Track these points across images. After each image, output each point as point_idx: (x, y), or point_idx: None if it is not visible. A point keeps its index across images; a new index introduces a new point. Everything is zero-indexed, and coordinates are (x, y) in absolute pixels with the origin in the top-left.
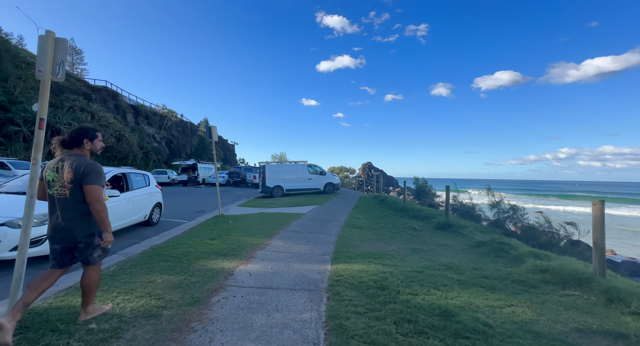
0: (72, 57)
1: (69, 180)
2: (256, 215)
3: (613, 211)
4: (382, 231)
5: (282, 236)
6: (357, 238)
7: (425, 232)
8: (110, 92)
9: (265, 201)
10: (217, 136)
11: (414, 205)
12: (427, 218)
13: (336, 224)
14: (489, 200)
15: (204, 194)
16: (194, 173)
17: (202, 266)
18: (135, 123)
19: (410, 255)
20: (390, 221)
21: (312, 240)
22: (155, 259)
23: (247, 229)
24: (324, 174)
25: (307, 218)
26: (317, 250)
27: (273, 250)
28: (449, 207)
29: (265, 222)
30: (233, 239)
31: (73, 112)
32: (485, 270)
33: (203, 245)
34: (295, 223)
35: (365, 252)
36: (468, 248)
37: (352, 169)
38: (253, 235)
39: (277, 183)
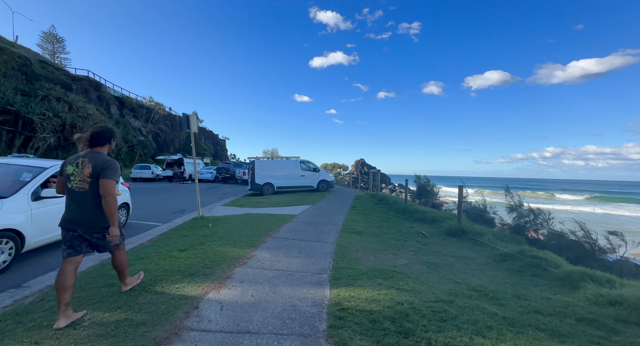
0: (53, 46)
1: (88, 174)
2: (242, 217)
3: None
4: (386, 238)
5: (269, 245)
6: (359, 248)
7: (436, 238)
8: (92, 82)
9: (254, 199)
10: (196, 126)
11: (417, 206)
12: (434, 221)
13: (333, 229)
14: (507, 201)
15: (189, 191)
16: (180, 168)
17: (158, 296)
18: (119, 115)
19: (426, 272)
20: (393, 225)
21: (305, 251)
22: (96, 283)
23: (228, 235)
24: (318, 171)
25: (300, 221)
26: (312, 266)
27: (257, 266)
28: (462, 210)
29: (251, 225)
30: (208, 250)
31: (48, 102)
32: (532, 299)
33: (168, 259)
34: (285, 228)
35: (371, 268)
36: (493, 262)
37: (345, 166)
38: (234, 244)
39: (268, 180)
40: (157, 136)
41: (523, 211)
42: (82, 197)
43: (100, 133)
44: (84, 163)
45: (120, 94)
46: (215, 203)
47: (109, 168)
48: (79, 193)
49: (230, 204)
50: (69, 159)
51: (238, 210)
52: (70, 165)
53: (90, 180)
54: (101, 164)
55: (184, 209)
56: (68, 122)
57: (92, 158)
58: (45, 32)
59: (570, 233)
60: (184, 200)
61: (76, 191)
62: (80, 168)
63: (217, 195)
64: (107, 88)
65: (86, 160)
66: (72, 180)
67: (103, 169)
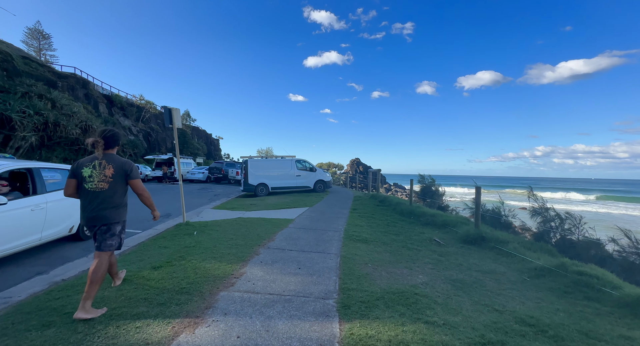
0: (39, 42)
1: (110, 175)
2: (232, 223)
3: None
4: (395, 246)
5: (262, 258)
6: (367, 261)
7: (453, 247)
8: (79, 80)
9: (247, 201)
10: (179, 121)
11: (423, 209)
12: (446, 226)
13: (334, 236)
14: (530, 203)
15: (178, 193)
16: (170, 168)
17: (107, 342)
18: (108, 114)
19: (455, 294)
20: (400, 230)
21: (305, 265)
22: (30, 320)
23: (214, 246)
24: (314, 170)
25: (297, 227)
26: (315, 287)
27: (246, 289)
28: (480, 214)
29: (241, 233)
30: (188, 267)
31: (29, 99)
32: (607, 340)
33: (136, 281)
34: (281, 235)
35: (387, 290)
36: (529, 278)
37: (340, 165)
38: (220, 258)
39: (261, 181)
40: (148, 135)
41: (550, 215)
42: (102, 194)
43: (113, 137)
44: (103, 165)
45: (110, 92)
46: (205, 205)
47: (133, 170)
48: (99, 192)
49: (221, 207)
50: (83, 162)
51: (229, 214)
52: (86, 167)
53: (111, 180)
54: (122, 165)
55: (169, 213)
56: (51, 120)
57: (110, 160)
58: (31, 28)
59: (610, 240)
60: (171, 203)
61: (96, 191)
62: (99, 170)
63: (208, 197)
64: (95, 86)
65: (104, 162)
66: (91, 181)
67: (129, 171)
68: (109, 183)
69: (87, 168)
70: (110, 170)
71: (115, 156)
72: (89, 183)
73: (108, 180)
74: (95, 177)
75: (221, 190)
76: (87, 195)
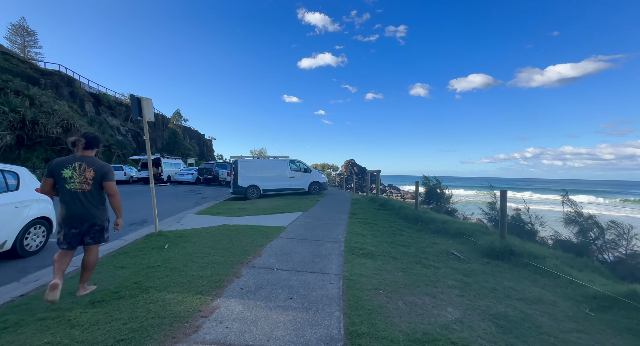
0: (23, 39)
1: (91, 177)
2: (214, 231)
3: None
4: (408, 262)
5: (243, 283)
6: (377, 284)
7: (476, 263)
8: (64, 77)
9: (236, 205)
10: (151, 113)
11: (431, 214)
12: (461, 235)
13: (334, 248)
14: (567, 209)
15: (163, 196)
16: (158, 169)
17: None
18: (95, 113)
19: (503, 340)
20: (409, 240)
21: (298, 294)
22: None
23: (185, 266)
24: (309, 172)
25: (290, 237)
26: (311, 330)
27: (214, 339)
28: (506, 223)
29: (223, 245)
30: (140, 301)
31: (4, 95)
32: None
33: (55, 328)
34: (270, 248)
35: (410, 335)
36: (592, 312)
37: (335, 166)
38: (189, 285)
39: (252, 183)
40: (138, 135)
41: (590, 224)
42: (85, 196)
43: (95, 139)
44: (83, 167)
45: (97, 91)
46: (189, 210)
47: (110, 172)
48: (82, 193)
49: (206, 212)
50: (62, 162)
51: (213, 220)
52: (66, 168)
53: (92, 182)
54: (102, 168)
55: (145, 219)
56: (29, 117)
57: (90, 162)
58: (15, 25)
59: None
60: (151, 207)
61: (78, 192)
62: (80, 172)
63: (194, 200)
64: (81, 84)
65: (84, 164)
66: (72, 182)
67: (106, 173)
68: (91, 185)
69: (68, 169)
70: (91, 172)
71: (95, 158)
72: (70, 184)
73: (89, 182)
74: (76, 179)
75: (210, 193)
76: (69, 195)
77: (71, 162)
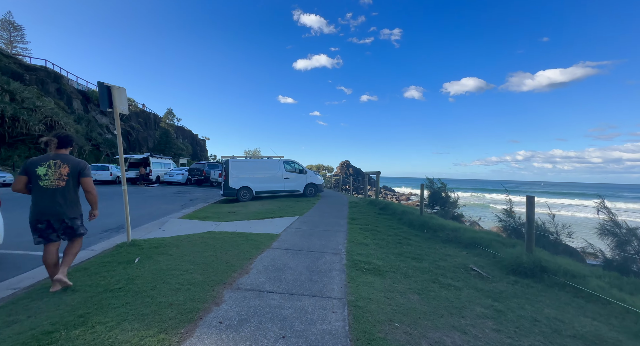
0: (10, 34)
1: (66, 173)
2: (198, 240)
3: None
4: (422, 280)
5: (223, 314)
6: (391, 314)
7: (502, 281)
8: (50, 73)
9: (226, 208)
10: (125, 104)
11: (438, 220)
12: (476, 245)
13: (334, 262)
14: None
15: (149, 197)
16: (146, 169)
17: None
18: (84, 111)
19: None
20: (419, 251)
21: (293, 329)
22: None
23: (153, 288)
24: (305, 173)
25: (283, 247)
26: None
27: None
28: (534, 234)
29: (205, 258)
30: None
31: None
32: None
33: None
34: (260, 262)
35: None
36: None
37: (330, 167)
38: (152, 318)
39: (244, 184)
40: (128, 134)
41: (628, 234)
42: (59, 192)
43: (67, 138)
44: (58, 164)
45: (86, 88)
46: (174, 213)
47: (87, 168)
48: (55, 189)
49: (192, 216)
50: (36, 160)
51: (199, 226)
52: (40, 166)
53: (67, 178)
54: (77, 164)
55: (122, 225)
56: (8, 114)
57: (65, 159)
58: (0, 19)
59: None
60: (134, 210)
61: (51, 188)
62: (55, 169)
63: (182, 202)
64: (69, 80)
65: (59, 161)
66: (46, 179)
67: (82, 169)
68: (66, 181)
69: (42, 167)
70: (66, 169)
71: (69, 156)
72: (44, 181)
73: (64, 179)
74: (51, 175)
75: (200, 194)
76: (43, 192)
77: (46, 160)
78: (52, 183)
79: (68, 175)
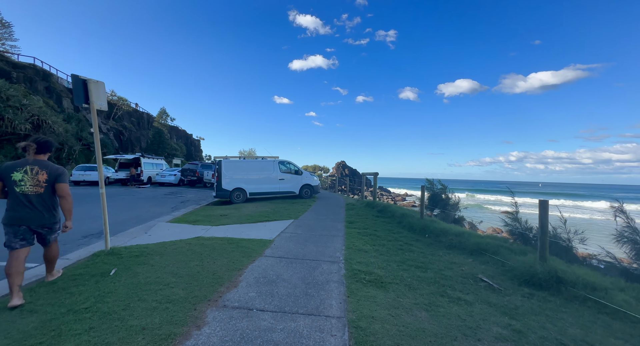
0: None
1: (44, 180)
2: (185, 247)
3: None
4: (429, 294)
5: (204, 343)
6: (399, 338)
7: (516, 294)
8: (39, 71)
9: (218, 210)
10: (104, 100)
11: (440, 224)
12: (482, 252)
13: (332, 272)
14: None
15: (139, 199)
16: (137, 170)
17: None
18: (74, 110)
19: None
20: (422, 258)
21: None
22: None
23: (124, 308)
24: (300, 174)
25: (277, 254)
26: None
27: None
28: (547, 241)
29: (190, 268)
30: None
31: None
32: None
33: None
34: (251, 273)
35: None
36: None
37: (326, 168)
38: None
39: (238, 185)
40: (120, 134)
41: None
42: (38, 198)
43: (46, 143)
44: (36, 170)
45: None
46: (163, 216)
47: (63, 175)
48: (33, 196)
49: (182, 219)
50: (12, 165)
51: (188, 231)
52: (16, 172)
53: (46, 184)
54: (55, 171)
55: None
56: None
57: (43, 166)
58: None
59: None
60: (121, 213)
61: (29, 194)
62: (32, 175)
63: (173, 204)
64: (58, 78)
65: (36, 167)
66: (23, 185)
67: (59, 175)
68: (44, 187)
69: (18, 172)
70: (44, 175)
71: (48, 162)
72: (20, 186)
73: (42, 185)
74: (28, 182)
75: (193, 196)
76: (19, 197)
77: (22, 165)
78: (28, 189)
79: (47, 181)
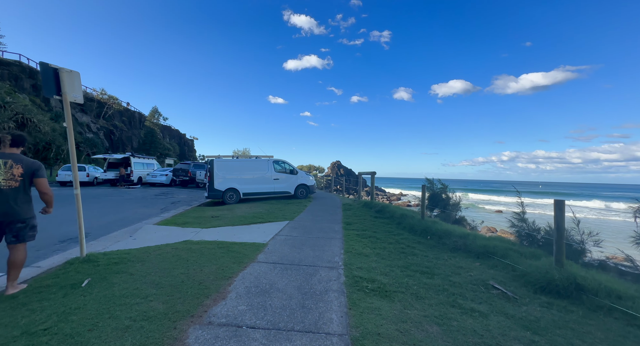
0: None
1: (19, 174)
2: (171, 252)
3: None
4: (438, 304)
5: None
6: None
7: (533, 304)
8: (25, 69)
9: (210, 212)
10: (79, 92)
11: (442, 225)
12: (489, 255)
13: (331, 279)
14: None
15: (127, 200)
16: (127, 170)
17: None
18: (62, 108)
19: None
20: (426, 262)
21: None
22: None
23: (90, 329)
24: (295, 173)
25: (270, 260)
26: None
27: None
28: (564, 245)
29: (174, 277)
30: None
31: None
32: None
33: None
34: (241, 282)
35: None
36: None
37: (321, 168)
38: None
39: (231, 185)
40: (111, 133)
41: None
42: (12, 192)
43: (20, 137)
44: (10, 164)
45: None
46: (151, 218)
47: (41, 169)
48: (7, 190)
49: (171, 221)
50: None
51: (175, 234)
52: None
53: (21, 179)
54: (32, 165)
55: (87, 232)
56: None
57: (18, 160)
58: None
59: None
60: (105, 215)
61: (3, 188)
62: (6, 169)
63: (163, 205)
64: None
65: (10, 161)
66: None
67: (36, 170)
68: (19, 182)
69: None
70: (19, 169)
71: (22, 156)
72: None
73: (17, 179)
74: (1, 175)
75: (184, 196)
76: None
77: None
78: (5, 184)
79: (22, 175)
